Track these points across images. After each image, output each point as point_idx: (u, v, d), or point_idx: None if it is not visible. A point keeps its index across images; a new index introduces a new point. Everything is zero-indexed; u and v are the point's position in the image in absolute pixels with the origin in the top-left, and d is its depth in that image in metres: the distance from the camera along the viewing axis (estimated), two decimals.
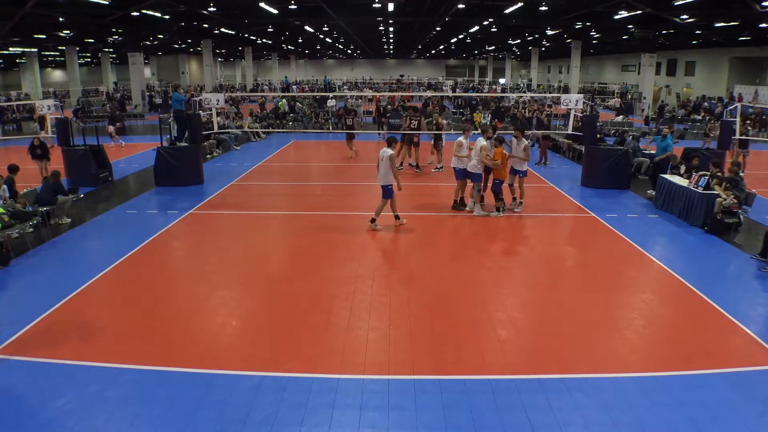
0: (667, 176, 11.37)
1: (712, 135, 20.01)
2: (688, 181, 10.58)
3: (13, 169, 10.27)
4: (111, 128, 20.98)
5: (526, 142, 10.94)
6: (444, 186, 13.40)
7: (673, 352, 5.71)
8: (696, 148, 13.83)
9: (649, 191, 12.70)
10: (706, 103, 32.70)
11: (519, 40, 42.93)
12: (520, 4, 22.10)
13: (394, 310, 6.59)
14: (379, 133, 21.54)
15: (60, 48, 39.56)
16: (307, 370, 5.27)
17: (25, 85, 41.43)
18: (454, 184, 11.20)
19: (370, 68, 73.15)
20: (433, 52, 63.18)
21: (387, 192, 9.50)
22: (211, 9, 24.25)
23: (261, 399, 4.83)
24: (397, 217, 9.86)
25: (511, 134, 11.54)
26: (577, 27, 30.17)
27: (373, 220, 9.64)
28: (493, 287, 7.36)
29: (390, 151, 9.38)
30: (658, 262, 8.31)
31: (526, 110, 24.06)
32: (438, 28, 34.14)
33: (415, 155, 15.36)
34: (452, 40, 44.89)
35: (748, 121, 23.52)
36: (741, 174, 10.28)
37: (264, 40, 42.72)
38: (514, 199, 11.11)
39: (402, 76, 69.01)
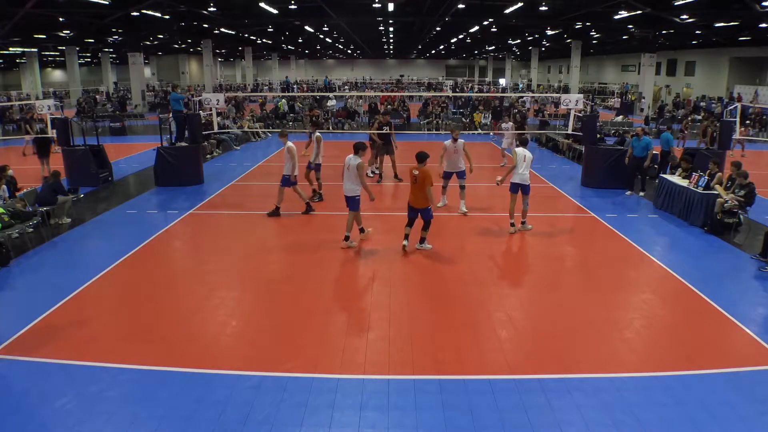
0: (667, 176, 11.38)
1: (686, 132, 20.14)
2: (688, 181, 10.59)
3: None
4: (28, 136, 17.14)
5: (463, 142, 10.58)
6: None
7: (673, 352, 5.71)
8: (694, 149, 13.84)
9: (627, 192, 12.71)
10: (703, 103, 32.73)
11: (519, 40, 42.93)
12: (520, 4, 22.10)
13: (394, 310, 6.59)
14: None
15: (60, 48, 39.57)
16: (307, 370, 5.27)
17: (25, 85, 41.44)
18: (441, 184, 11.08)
19: (370, 68, 73.14)
20: (433, 52, 63.21)
21: (354, 203, 8.67)
22: (211, 9, 24.26)
23: (261, 399, 4.83)
24: (362, 230, 9.09)
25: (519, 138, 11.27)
26: (577, 27, 30.18)
27: (346, 238, 8.79)
28: (493, 287, 7.36)
29: (358, 160, 8.54)
30: (658, 262, 8.31)
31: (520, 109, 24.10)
32: (438, 28, 34.16)
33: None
34: (452, 40, 44.91)
35: (747, 122, 23.54)
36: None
37: (264, 40, 42.73)
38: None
39: (402, 76, 69.03)
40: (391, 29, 37.97)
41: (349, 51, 62.79)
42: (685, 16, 23.71)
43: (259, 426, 4.49)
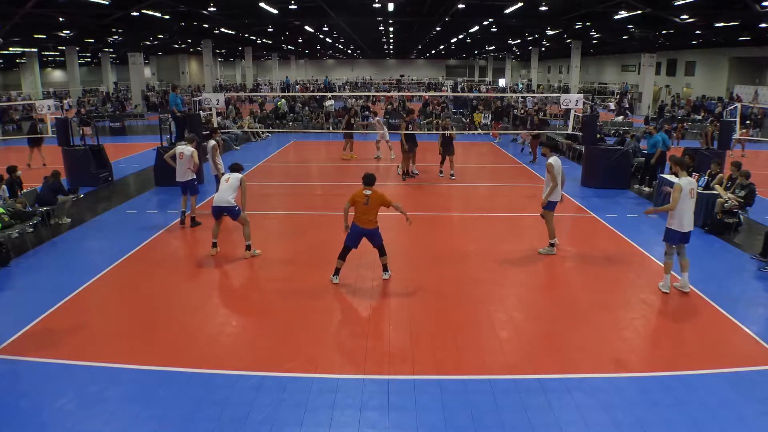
0: (667, 176, 11.37)
1: (678, 134, 20.22)
2: None
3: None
4: None
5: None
6: (445, 186, 13.43)
7: (673, 352, 5.71)
8: (695, 149, 13.84)
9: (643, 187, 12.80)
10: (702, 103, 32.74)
11: (519, 40, 42.91)
12: (520, 4, 22.10)
13: (394, 310, 6.59)
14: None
15: (60, 48, 39.54)
16: (307, 370, 5.27)
17: (25, 85, 41.42)
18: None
19: (370, 68, 73.14)
20: (433, 52, 63.17)
21: (237, 214, 8.45)
22: (211, 9, 24.26)
23: (261, 399, 4.83)
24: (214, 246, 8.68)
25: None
26: (577, 27, 30.15)
27: (248, 247, 8.55)
28: (493, 287, 7.36)
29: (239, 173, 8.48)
30: (658, 262, 8.30)
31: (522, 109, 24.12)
32: (438, 28, 34.13)
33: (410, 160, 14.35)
34: (452, 40, 44.87)
35: (747, 122, 23.50)
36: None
37: (264, 40, 42.70)
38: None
39: (402, 76, 69.03)
40: (391, 29, 37.94)
41: (349, 51, 62.75)
42: (685, 16, 23.70)
43: (259, 426, 4.49)
